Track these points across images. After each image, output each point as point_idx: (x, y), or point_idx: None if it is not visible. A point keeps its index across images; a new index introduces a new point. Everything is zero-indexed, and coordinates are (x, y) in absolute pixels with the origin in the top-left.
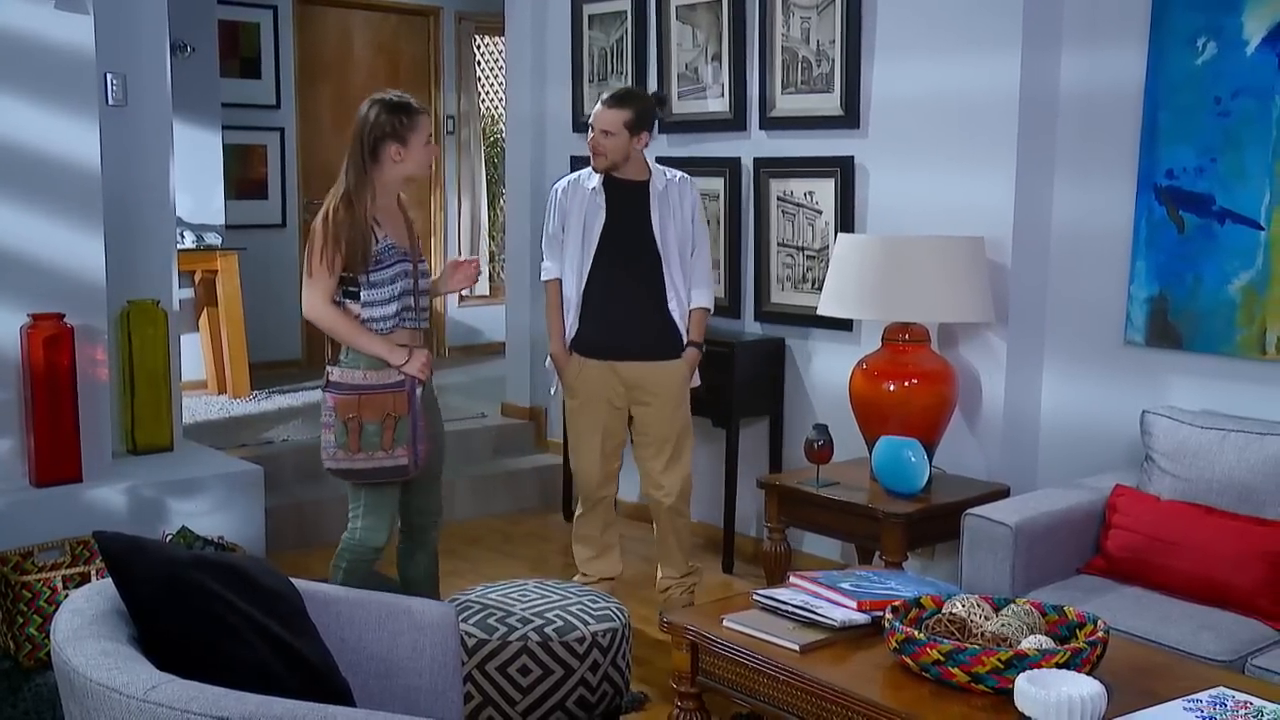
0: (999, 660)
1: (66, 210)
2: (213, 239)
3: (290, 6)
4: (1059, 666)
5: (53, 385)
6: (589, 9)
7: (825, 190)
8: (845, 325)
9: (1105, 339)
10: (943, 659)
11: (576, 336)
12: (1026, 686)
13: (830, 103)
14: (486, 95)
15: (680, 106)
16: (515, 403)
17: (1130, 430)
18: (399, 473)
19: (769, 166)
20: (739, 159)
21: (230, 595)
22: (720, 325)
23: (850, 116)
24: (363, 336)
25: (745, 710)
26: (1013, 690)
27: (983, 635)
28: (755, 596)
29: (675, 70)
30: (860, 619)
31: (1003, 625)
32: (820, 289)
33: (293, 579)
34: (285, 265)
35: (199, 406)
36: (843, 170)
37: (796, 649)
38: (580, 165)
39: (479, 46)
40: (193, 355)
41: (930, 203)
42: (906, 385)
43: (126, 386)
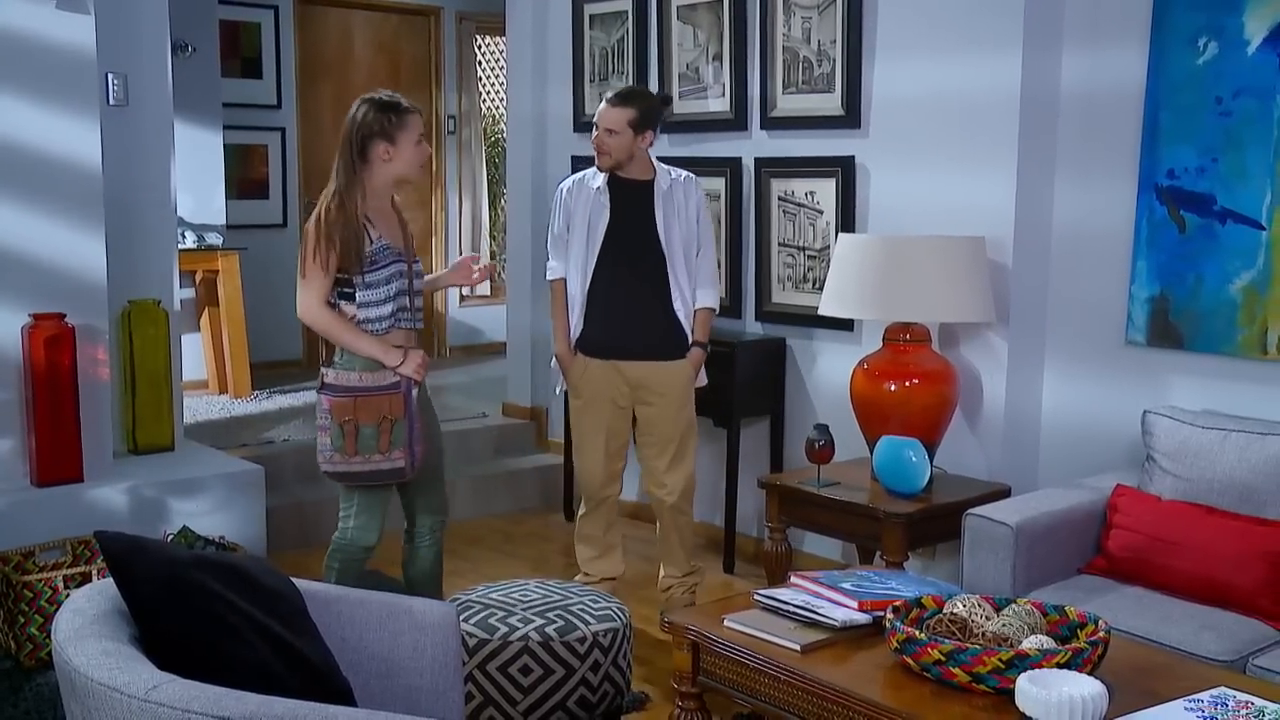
0: (1000, 660)
1: (68, 210)
2: (214, 239)
3: (291, 6)
4: (1060, 666)
5: (54, 385)
6: (590, 9)
7: (826, 190)
8: (846, 325)
9: (1106, 339)
10: (944, 659)
11: (581, 336)
12: (1027, 686)
13: (831, 103)
14: (487, 95)
15: (681, 106)
16: (516, 402)
17: (1131, 430)
18: (396, 475)
19: (770, 166)
20: (740, 159)
21: (231, 595)
22: (721, 325)
23: (851, 116)
24: (357, 338)
25: (746, 710)
26: (1014, 690)
27: (984, 635)
28: (756, 596)
29: (676, 70)
30: (861, 619)
31: (1004, 625)
32: (821, 289)
33: (293, 579)
34: (286, 265)
35: (200, 406)
36: (844, 170)
37: (797, 649)
38: (581, 165)
39: (480, 46)
40: (194, 355)
41: (931, 203)
42: (907, 385)
43: (127, 386)
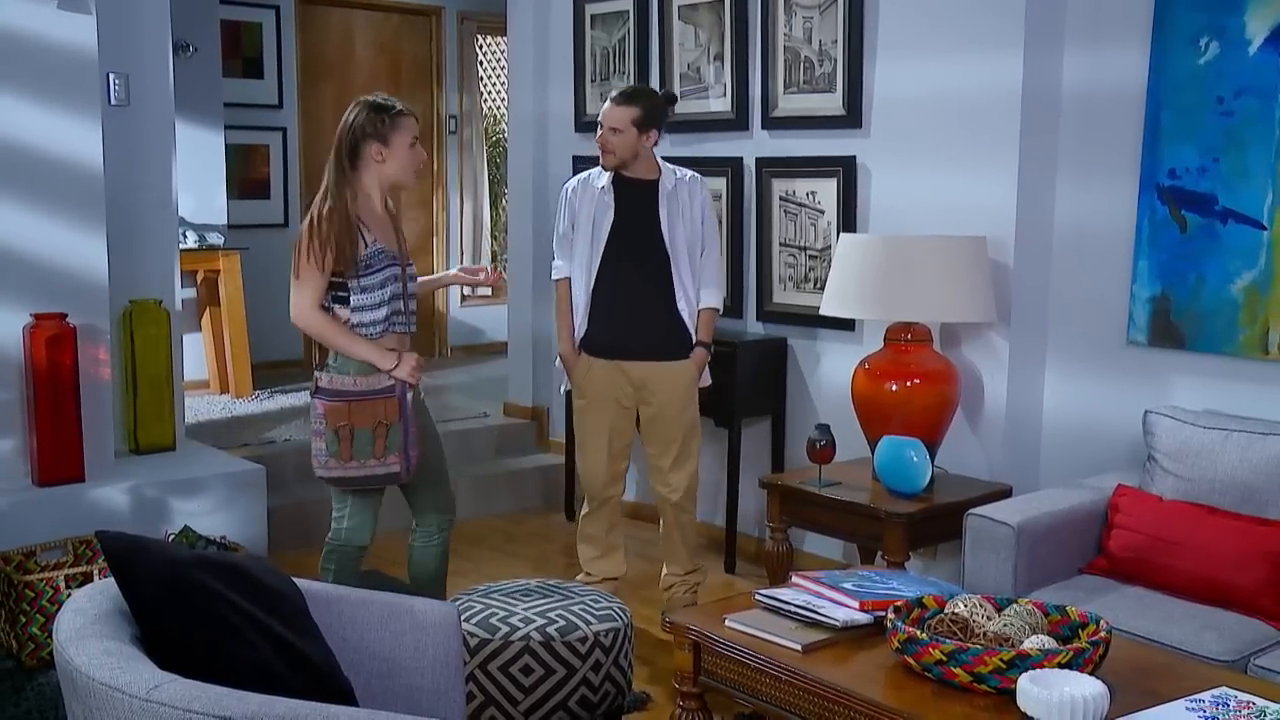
0: (1001, 660)
1: (69, 210)
2: (215, 239)
3: (292, 6)
4: (1061, 666)
5: (55, 385)
6: (591, 9)
7: (827, 190)
8: (847, 325)
9: (1108, 339)
10: (945, 659)
11: (585, 336)
12: (1029, 687)
13: (832, 102)
14: (489, 95)
15: (682, 106)
16: (518, 402)
17: (1132, 430)
18: (391, 480)
19: (771, 166)
20: (741, 159)
21: (233, 595)
22: (723, 325)
23: (852, 116)
24: (351, 342)
25: (748, 710)
26: (1015, 690)
27: (985, 635)
28: (757, 596)
29: (677, 70)
30: (862, 619)
31: (1005, 625)
32: (822, 289)
33: (295, 578)
34: (287, 265)
35: (201, 406)
36: (845, 170)
37: (799, 649)
38: (583, 165)
39: (481, 46)
40: (195, 355)
41: (932, 202)
42: (908, 385)
43: (129, 386)
